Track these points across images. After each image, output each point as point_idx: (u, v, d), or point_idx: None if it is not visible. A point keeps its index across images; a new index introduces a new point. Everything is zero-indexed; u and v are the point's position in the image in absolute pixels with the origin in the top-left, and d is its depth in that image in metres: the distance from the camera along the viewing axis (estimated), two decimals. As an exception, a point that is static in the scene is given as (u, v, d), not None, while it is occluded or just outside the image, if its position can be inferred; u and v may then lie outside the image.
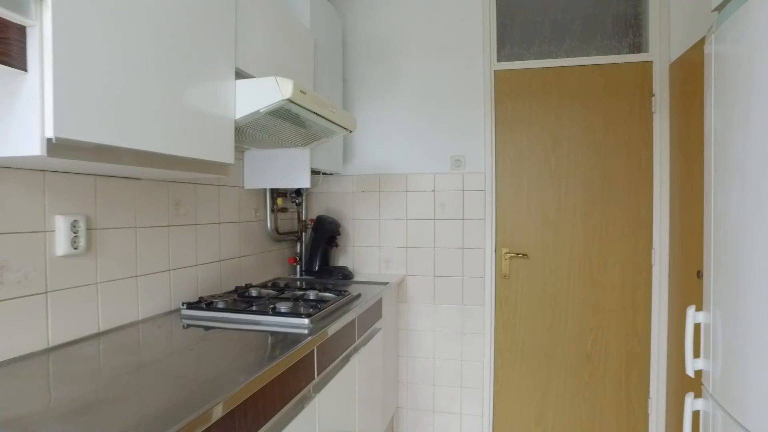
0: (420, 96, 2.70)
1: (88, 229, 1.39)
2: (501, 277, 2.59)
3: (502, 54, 2.63)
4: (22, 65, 0.86)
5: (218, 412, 0.91)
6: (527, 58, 2.60)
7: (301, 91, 1.52)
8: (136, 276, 1.57)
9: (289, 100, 1.49)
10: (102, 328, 1.43)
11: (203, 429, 0.88)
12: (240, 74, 1.58)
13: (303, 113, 1.64)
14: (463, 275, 2.62)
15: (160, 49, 1.17)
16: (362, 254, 2.81)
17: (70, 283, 1.33)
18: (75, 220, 1.32)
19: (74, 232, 1.32)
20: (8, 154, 0.90)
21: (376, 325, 2.23)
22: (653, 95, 2.44)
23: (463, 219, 2.62)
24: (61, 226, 1.29)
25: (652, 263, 2.45)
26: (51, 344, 1.26)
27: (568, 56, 2.55)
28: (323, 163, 2.42)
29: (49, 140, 0.89)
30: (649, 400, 2.45)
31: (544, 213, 2.56)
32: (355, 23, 2.80)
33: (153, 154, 1.17)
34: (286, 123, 1.70)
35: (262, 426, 1.13)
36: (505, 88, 2.60)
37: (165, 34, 1.19)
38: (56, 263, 1.29)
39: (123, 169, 1.21)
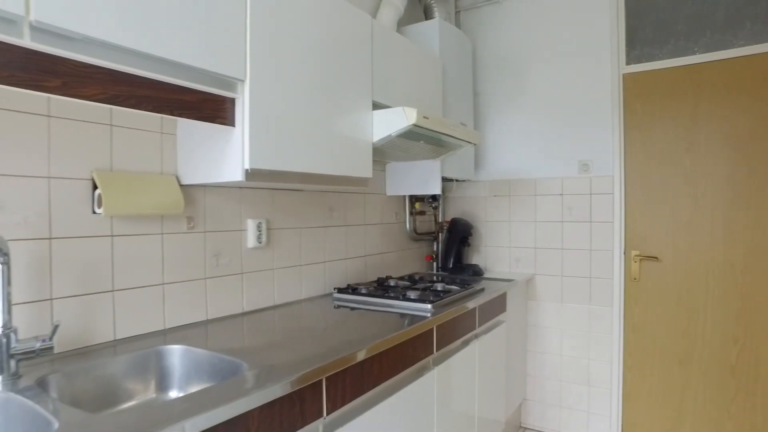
0: (547, 103, 2.82)
1: (268, 229, 1.89)
2: (630, 280, 2.59)
3: (632, 56, 2.62)
4: (231, 123, 1.32)
5: (361, 355, 1.28)
6: (660, 58, 2.55)
7: (424, 117, 1.84)
8: (300, 265, 2.05)
9: (415, 125, 1.81)
10: (276, 302, 1.92)
11: (349, 365, 1.24)
12: (376, 105, 1.95)
13: (428, 133, 1.96)
14: (590, 276, 2.67)
15: (316, 96, 1.59)
16: (494, 253, 3.02)
17: (256, 267, 1.83)
18: (259, 222, 1.83)
19: (259, 231, 1.82)
20: (224, 180, 1.38)
21: (500, 317, 2.44)
22: (818, 85, 2.22)
23: (590, 222, 2.67)
24: (250, 226, 1.80)
25: (815, 270, 2.23)
26: (245, 310, 1.78)
27: (707, 51, 2.44)
28: (455, 171, 2.70)
29: (246, 170, 1.34)
30: (816, 422, 2.24)
31: (678, 215, 2.48)
32: (484, 41, 3.02)
33: (312, 174, 1.59)
34: (415, 142, 2.03)
35: (388, 379, 1.47)
36: (634, 90, 2.59)
37: (320, 85, 1.61)
38: (247, 253, 1.80)
39: (291, 185, 1.66)
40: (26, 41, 0.87)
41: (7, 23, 0.84)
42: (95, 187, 1.31)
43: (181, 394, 1.27)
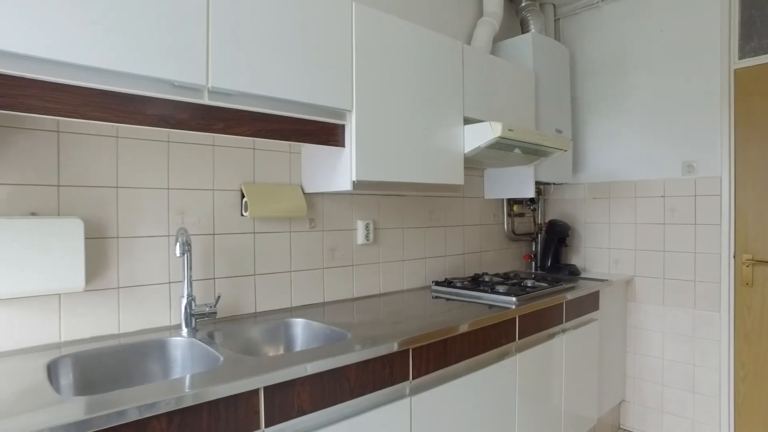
0: (648, 105, 2.80)
1: (375, 228, 2.22)
2: (741, 285, 2.48)
3: (747, 49, 2.51)
4: (342, 144, 1.67)
5: (443, 333, 1.56)
6: (780, 50, 2.41)
7: (509, 129, 2.03)
8: (403, 260, 2.35)
9: (501, 137, 2.02)
10: (381, 291, 2.25)
11: (433, 341, 1.52)
12: (467, 120, 2.18)
13: (515, 144, 2.14)
14: (695, 279, 2.61)
15: (412, 116, 1.88)
16: (593, 254, 3.06)
17: (365, 261, 2.17)
18: (367, 223, 2.17)
19: (367, 230, 2.16)
20: (337, 189, 1.73)
21: (592, 315, 2.51)
22: None
23: (695, 224, 2.61)
24: (360, 226, 2.15)
25: None
26: (354, 296, 2.13)
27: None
28: (552, 175, 2.81)
29: (353, 181, 1.67)
30: None
31: (797, 218, 2.34)
32: (583, 46, 3.07)
33: (409, 183, 1.88)
34: (508, 151, 2.22)
35: (469, 357, 1.71)
36: (749, 86, 2.48)
37: (415, 107, 1.89)
38: (357, 249, 2.15)
39: (393, 191, 1.97)
40: (205, 101, 1.29)
41: (194, 91, 1.26)
42: (243, 196, 1.74)
43: (303, 355, 1.64)
